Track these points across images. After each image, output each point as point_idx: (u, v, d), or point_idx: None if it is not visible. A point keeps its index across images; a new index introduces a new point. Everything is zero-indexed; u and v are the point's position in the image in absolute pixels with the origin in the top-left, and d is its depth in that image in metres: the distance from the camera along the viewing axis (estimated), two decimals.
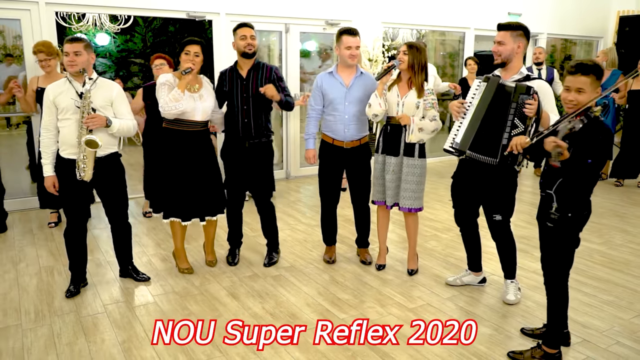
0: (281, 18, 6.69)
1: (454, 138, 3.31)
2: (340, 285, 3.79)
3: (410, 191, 3.72)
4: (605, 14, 9.73)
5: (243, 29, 3.74)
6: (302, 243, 4.67)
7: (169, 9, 5.95)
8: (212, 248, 4.14)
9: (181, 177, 3.69)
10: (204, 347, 2.95)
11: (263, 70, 3.80)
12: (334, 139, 3.90)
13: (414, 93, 3.64)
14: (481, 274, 3.76)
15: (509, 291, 3.51)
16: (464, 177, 3.45)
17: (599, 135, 2.45)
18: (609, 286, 3.79)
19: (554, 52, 10.78)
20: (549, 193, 2.66)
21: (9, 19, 5.28)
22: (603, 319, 3.30)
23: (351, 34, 3.79)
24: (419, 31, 9.77)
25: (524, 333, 3.10)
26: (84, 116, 3.25)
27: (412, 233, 3.95)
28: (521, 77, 3.20)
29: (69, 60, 3.26)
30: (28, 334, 3.09)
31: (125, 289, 3.69)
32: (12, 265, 4.10)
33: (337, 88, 3.85)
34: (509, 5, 8.60)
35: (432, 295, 3.63)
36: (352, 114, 3.84)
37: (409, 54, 3.58)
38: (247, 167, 3.91)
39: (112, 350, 2.91)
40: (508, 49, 3.21)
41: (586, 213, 2.64)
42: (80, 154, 3.29)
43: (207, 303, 3.48)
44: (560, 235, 2.66)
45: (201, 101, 3.64)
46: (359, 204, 4.10)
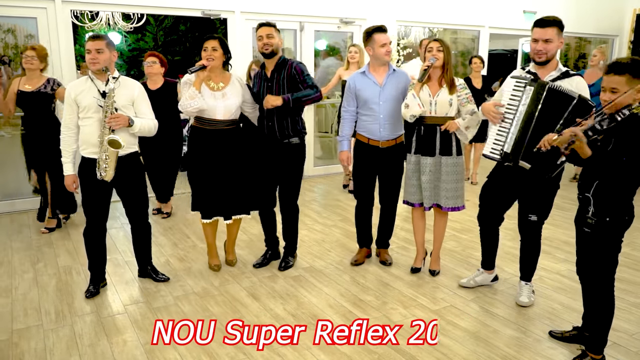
0: (296, 16, 6.65)
1: (502, 146, 3.14)
2: (361, 286, 3.75)
3: (452, 190, 3.64)
4: (621, 12, 9.60)
5: (260, 29, 3.68)
6: (320, 243, 4.63)
7: (184, 7, 5.92)
8: (232, 248, 4.11)
9: (207, 175, 3.67)
10: (227, 349, 2.91)
11: (285, 68, 3.73)
12: (370, 138, 3.84)
13: (446, 90, 3.56)
14: (494, 272, 3.70)
15: (523, 293, 3.45)
16: (503, 179, 3.31)
17: (637, 132, 2.37)
18: (636, 288, 3.72)
19: (569, 51, 10.68)
20: (587, 196, 2.58)
21: (25, 17, 5.27)
22: (632, 322, 3.24)
23: (382, 31, 3.74)
24: (431, 29, 9.71)
25: (552, 336, 3.04)
26: (107, 116, 3.22)
27: (440, 234, 3.89)
28: (560, 74, 3.09)
29: (91, 57, 3.22)
30: (50, 334, 3.06)
31: (145, 290, 3.66)
32: (30, 265, 4.09)
33: (370, 87, 3.79)
34: (524, 3, 8.50)
35: (455, 296, 3.57)
36: (387, 113, 3.78)
37: (444, 49, 3.52)
38: (276, 168, 3.85)
39: (134, 352, 2.88)
40: (555, 46, 3.05)
41: (628, 218, 2.53)
42: (102, 153, 3.26)
43: (228, 304, 3.44)
44: (599, 241, 2.57)
45: (223, 99, 3.59)
46: (388, 204, 4.04)
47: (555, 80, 3.05)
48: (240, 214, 3.85)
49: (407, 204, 3.85)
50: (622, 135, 2.38)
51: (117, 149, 3.25)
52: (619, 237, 2.56)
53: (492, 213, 3.45)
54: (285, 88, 3.68)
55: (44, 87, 4.57)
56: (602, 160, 2.40)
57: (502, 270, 4.01)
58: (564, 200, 5.81)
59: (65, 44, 5.37)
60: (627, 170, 2.41)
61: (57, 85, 4.65)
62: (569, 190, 5.51)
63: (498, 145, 3.18)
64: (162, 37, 11.78)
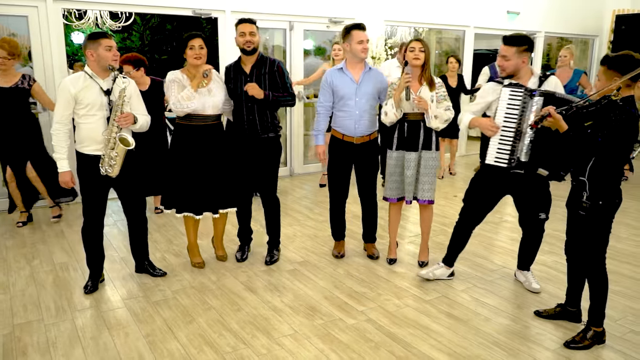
0: (286, 16, 6.72)
1: (512, 154, 3.19)
2: (355, 278, 3.84)
3: (428, 183, 3.80)
4: (601, 13, 9.86)
5: (242, 25, 3.72)
6: (313, 238, 4.72)
7: (175, 6, 5.96)
8: (221, 243, 4.16)
9: (194, 171, 3.72)
10: (228, 339, 2.98)
11: (266, 65, 3.79)
12: (344, 134, 3.94)
13: (426, 88, 3.70)
14: (452, 269, 3.82)
15: (533, 280, 3.67)
16: (493, 183, 3.41)
17: (611, 114, 2.61)
18: (619, 278, 3.87)
19: (550, 51, 10.91)
20: (582, 180, 2.77)
21: (16, 16, 5.26)
22: (616, 309, 3.38)
23: (361, 28, 3.83)
24: (417, 29, 9.86)
25: (538, 315, 3.26)
26: (117, 114, 3.27)
27: (427, 226, 4.01)
28: (540, 80, 3.26)
29: (114, 55, 3.29)
30: (51, 328, 3.10)
31: (143, 284, 3.71)
32: (26, 262, 4.10)
33: (347, 84, 3.88)
34: (508, 3, 8.68)
35: (447, 288, 3.69)
36: (362, 110, 3.88)
37: (426, 50, 3.64)
38: (254, 162, 3.92)
39: (136, 343, 2.94)
40: (512, 64, 3.24)
41: (618, 201, 2.77)
42: (108, 150, 3.31)
43: (226, 297, 3.51)
44: (593, 223, 2.80)
45: (210, 96, 3.66)
46: (367, 199, 4.14)
47: (539, 86, 3.22)
48: (228, 207, 3.90)
49: (386, 200, 3.97)
50: (600, 118, 2.65)
51: (127, 147, 3.31)
52: (610, 219, 2.80)
53: (477, 214, 3.56)
54: (265, 84, 3.76)
55: (21, 83, 4.66)
56: (580, 137, 2.67)
57: (491, 262, 4.14)
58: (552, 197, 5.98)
59: (56, 42, 5.38)
60: (604, 150, 2.64)
61: (33, 81, 4.74)
62: (559, 187, 5.70)
63: (505, 154, 3.23)
64: (148, 37, 11.76)
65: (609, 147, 2.65)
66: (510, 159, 3.22)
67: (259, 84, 3.74)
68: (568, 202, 2.96)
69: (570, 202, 2.92)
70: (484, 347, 2.92)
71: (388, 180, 3.91)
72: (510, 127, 3.22)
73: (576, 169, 2.82)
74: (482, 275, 3.91)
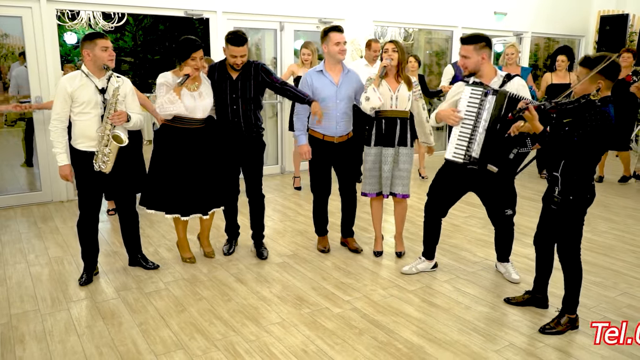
0: (276, 16, 6.85)
1: (467, 151, 3.34)
2: (342, 270, 3.98)
3: (404, 178, 3.97)
4: (586, 14, 10.06)
5: (233, 48, 3.71)
6: (303, 233, 4.84)
7: (167, 7, 6.07)
8: (208, 241, 4.25)
9: (182, 173, 3.76)
10: (218, 327, 3.10)
11: (250, 70, 3.87)
12: (325, 134, 4.05)
13: (404, 86, 3.87)
14: (434, 261, 3.96)
15: (513, 271, 3.82)
16: (453, 177, 3.56)
17: (586, 114, 2.73)
18: (595, 268, 4.03)
19: (538, 51, 11.10)
20: (555, 175, 2.91)
21: (10, 17, 5.35)
22: (591, 297, 3.54)
23: (338, 30, 3.97)
24: (407, 30, 10.01)
25: (508, 302, 3.43)
26: (111, 112, 3.38)
27: (402, 219, 4.19)
28: (502, 80, 3.39)
29: (110, 55, 3.41)
30: (47, 318, 3.21)
31: (136, 277, 3.83)
32: (22, 257, 4.21)
33: (328, 87, 4.00)
34: (495, 4, 8.85)
35: (430, 279, 3.83)
36: (342, 112, 4.02)
37: (399, 50, 3.81)
38: (239, 159, 4.03)
39: (130, 332, 3.06)
40: (473, 61, 3.38)
41: (589, 196, 2.89)
42: (102, 147, 3.42)
43: (217, 288, 3.64)
44: (564, 217, 2.94)
45: (200, 99, 3.73)
46: (348, 194, 4.28)
47: (501, 86, 3.36)
48: (216, 207, 4.00)
49: (365, 195, 4.11)
50: (577, 118, 2.76)
51: (120, 144, 3.43)
52: (582, 213, 2.93)
53: (439, 207, 3.71)
54: (251, 90, 3.87)
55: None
56: (558, 137, 2.79)
57: (474, 255, 4.29)
58: (533, 192, 6.15)
59: (50, 43, 5.47)
60: (580, 149, 2.76)
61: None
62: (541, 184, 5.85)
63: (461, 150, 3.39)
64: (141, 37, 11.84)
65: (583, 147, 2.76)
66: (465, 155, 3.37)
67: (247, 90, 3.85)
68: (544, 197, 3.10)
69: (546, 196, 3.06)
70: (464, 333, 3.06)
71: (366, 175, 4.06)
72: (468, 124, 3.36)
73: (550, 164, 2.95)
74: (465, 267, 4.05)
